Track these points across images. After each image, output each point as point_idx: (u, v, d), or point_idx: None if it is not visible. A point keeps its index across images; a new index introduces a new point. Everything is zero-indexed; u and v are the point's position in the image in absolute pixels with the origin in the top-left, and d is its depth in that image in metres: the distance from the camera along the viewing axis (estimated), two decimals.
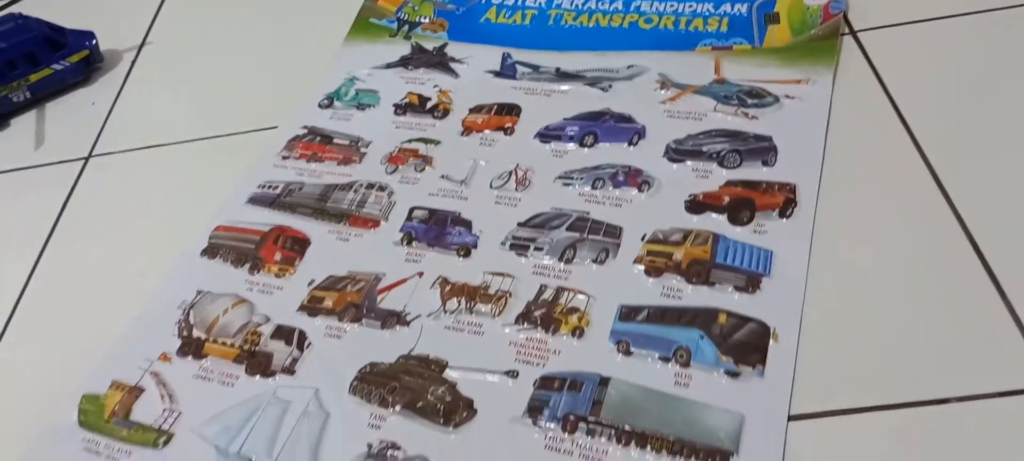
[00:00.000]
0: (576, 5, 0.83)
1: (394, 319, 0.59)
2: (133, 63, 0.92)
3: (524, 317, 0.57)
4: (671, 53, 0.75)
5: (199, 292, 0.64)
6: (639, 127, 0.69)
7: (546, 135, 0.71)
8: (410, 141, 0.73)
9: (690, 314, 0.55)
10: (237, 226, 0.69)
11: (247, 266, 0.65)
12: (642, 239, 0.61)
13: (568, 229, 0.62)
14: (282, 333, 0.60)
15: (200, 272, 0.66)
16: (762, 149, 0.65)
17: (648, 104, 0.71)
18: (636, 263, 0.59)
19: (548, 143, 0.70)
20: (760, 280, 0.56)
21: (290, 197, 0.70)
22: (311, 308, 0.61)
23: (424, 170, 0.70)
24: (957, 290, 0.54)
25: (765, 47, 0.74)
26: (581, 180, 0.66)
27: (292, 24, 0.91)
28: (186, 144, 0.79)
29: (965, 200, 0.58)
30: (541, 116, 0.72)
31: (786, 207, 0.60)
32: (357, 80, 0.81)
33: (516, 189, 0.67)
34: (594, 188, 0.65)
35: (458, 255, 0.63)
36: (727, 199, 0.62)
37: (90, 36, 0.89)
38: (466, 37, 0.83)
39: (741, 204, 0.61)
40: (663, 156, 0.66)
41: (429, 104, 0.77)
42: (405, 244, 0.65)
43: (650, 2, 0.81)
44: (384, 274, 0.62)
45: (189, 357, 0.60)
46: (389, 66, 0.82)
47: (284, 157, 0.74)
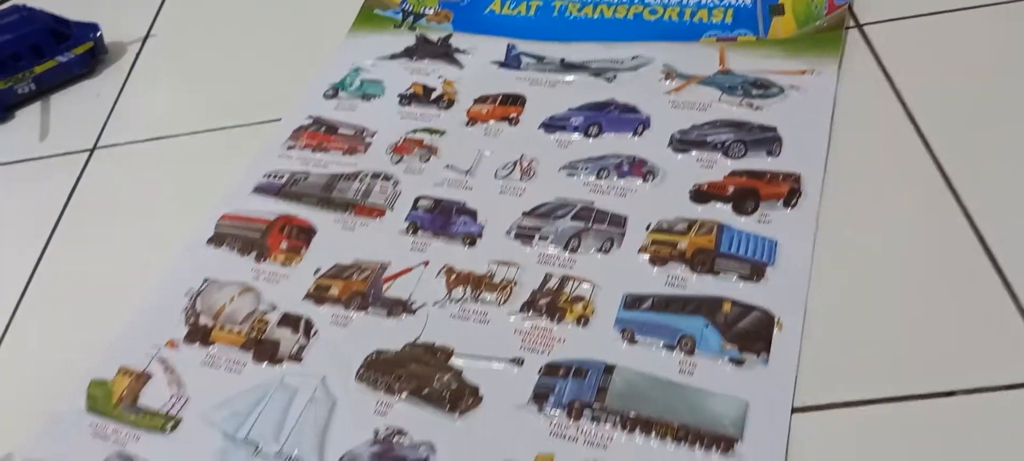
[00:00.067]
0: None
1: (400, 308, 0.59)
2: (138, 55, 0.92)
3: (529, 305, 0.58)
4: (676, 44, 0.75)
5: (206, 280, 0.64)
6: (644, 117, 0.69)
7: (551, 125, 0.71)
8: (415, 131, 0.73)
9: (695, 303, 0.55)
10: (243, 215, 0.69)
11: (253, 255, 0.66)
12: (647, 228, 0.61)
13: (573, 218, 0.63)
14: (289, 321, 0.60)
15: (207, 260, 0.66)
16: (767, 139, 0.65)
17: (653, 94, 0.71)
18: (641, 252, 0.59)
19: (553, 133, 0.70)
20: (764, 269, 0.56)
21: (296, 186, 0.71)
22: (317, 296, 0.61)
23: (429, 160, 0.71)
24: (962, 282, 0.54)
25: (770, 38, 0.74)
26: (586, 170, 0.66)
27: (297, 16, 0.91)
28: (191, 136, 0.80)
29: (971, 193, 0.58)
30: (546, 106, 0.72)
31: (791, 197, 0.60)
32: (362, 71, 0.81)
33: (521, 179, 0.67)
34: (599, 178, 0.65)
35: (463, 244, 0.63)
36: (732, 189, 0.62)
37: (95, 28, 0.89)
38: (471, 28, 0.83)
39: (746, 194, 0.61)
40: (668, 146, 0.66)
41: (434, 94, 0.77)
42: (410, 233, 0.65)
43: None
44: (390, 263, 0.63)
45: (196, 344, 0.60)
46: (394, 57, 0.82)
47: (289, 147, 0.75)
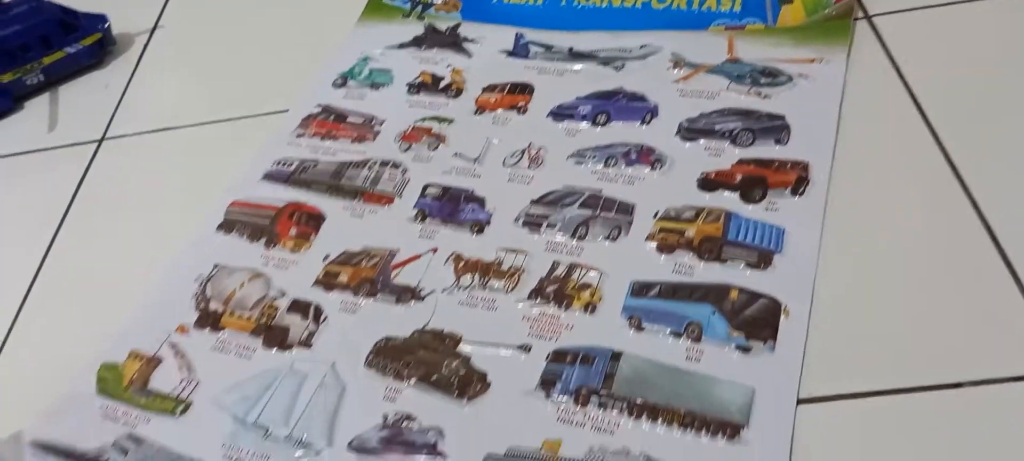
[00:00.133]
0: None
1: (409, 294, 0.60)
2: (146, 46, 0.92)
3: (537, 293, 0.58)
4: (684, 33, 0.75)
5: (216, 266, 0.65)
6: (652, 106, 0.69)
7: (559, 114, 0.71)
8: (424, 119, 0.74)
9: (702, 290, 0.55)
10: (252, 202, 0.69)
11: (263, 241, 0.66)
12: (654, 216, 0.61)
13: (581, 206, 0.63)
14: (298, 307, 0.60)
15: (216, 247, 0.66)
16: (775, 128, 0.65)
17: (661, 83, 0.71)
18: (648, 240, 0.60)
19: (561, 122, 0.70)
20: (772, 257, 0.57)
21: (305, 174, 0.71)
22: (326, 283, 0.62)
23: (437, 148, 0.71)
24: (969, 273, 0.54)
25: (779, 27, 0.74)
26: (594, 158, 0.66)
27: (305, 7, 0.91)
28: (199, 127, 0.80)
29: (979, 184, 0.58)
30: (554, 95, 0.73)
31: (798, 185, 0.60)
32: (371, 60, 0.81)
33: (529, 167, 0.67)
34: (607, 166, 0.65)
35: (471, 232, 0.63)
36: (739, 177, 0.62)
37: (103, 19, 0.90)
38: (479, 17, 0.83)
39: (753, 182, 0.61)
40: (676, 135, 0.67)
41: (443, 83, 0.77)
42: (419, 221, 0.65)
43: None
44: (398, 250, 0.63)
45: (206, 329, 0.61)
46: (402, 46, 0.82)
47: (298, 135, 0.75)
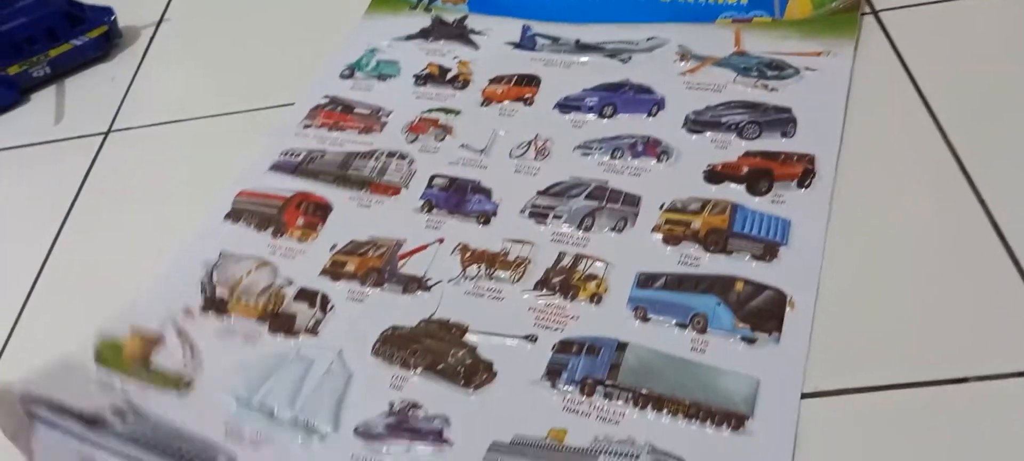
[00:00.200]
0: None
1: (415, 284, 0.60)
2: (152, 39, 0.92)
3: (543, 283, 0.58)
4: (691, 25, 0.75)
5: (222, 254, 0.65)
6: (658, 98, 0.69)
7: (566, 106, 0.71)
8: (430, 111, 0.74)
9: (707, 281, 0.56)
10: (260, 192, 0.70)
11: (270, 230, 0.66)
12: (660, 208, 0.61)
13: (587, 198, 0.63)
14: (305, 295, 0.61)
15: (224, 235, 0.67)
16: (781, 120, 0.65)
17: (668, 76, 0.71)
18: (654, 231, 0.60)
19: (568, 114, 0.71)
20: (777, 249, 0.57)
21: (312, 164, 0.71)
22: (333, 272, 0.62)
23: (444, 139, 0.71)
24: (975, 267, 0.54)
25: (785, 19, 0.74)
26: (600, 150, 0.67)
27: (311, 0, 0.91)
28: (205, 119, 0.80)
29: (985, 179, 0.58)
30: (561, 87, 0.73)
31: (805, 177, 0.60)
32: (378, 51, 0.82)
33: (535, 158, 0.68)
34: (613, 158, 0.66)
35: (478, 222, 0.64)
36: (746, 169, 0.62)
37: (109, 12, 0.90)
38: (486, 9, 0.83)
39: (760, 174, 0.61)
40: (682, 127, 0.67)
41: (449, 75, 0.77)
42: (426, 211, 0.65)
43: None
44: (405, 240, 0.63)
45: (211, 313, 0.61)
46: (409, 38, 0.83)
47: (306, 126, 0.75)
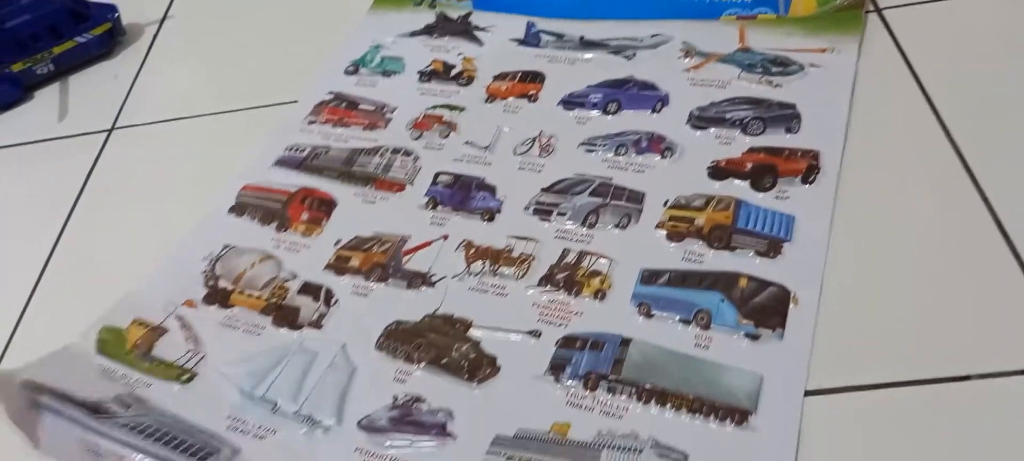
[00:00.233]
0: None
1: (419, 280, 0.60)
2: (155, 36, 0.93)
3: (547, 279, 0.58)
4: (696, 22, 0.75)
5: (226, 246, 0.65)
6: (663, 94, 0.69)
7: (570, 102, 0.71)
8: (435, 107, 0.74)
9: (711, 278, 0.56)
10: (264, 186, 0.70)
11: (274, 224, 0.66)
12: (664, 204, 0.61)
13: (591, 194, 0.63)
14: (309, 289, 0.61)
15: (228, 228, 0.67)
16: (785, 116, 0.65)
17: (672, 72, 0.71)
18: (658, 228, 0.60)
19: (572, 110, 0.71)
20: (781, 245, 0.57)
21: (317, 160, 0.71)
22: (338, 267, 0.62)
23: (449, 136, 0.71)
24: (978, 265, 0.53)
25: (790, 16, 0.74)
26: (604, 146, 0.67)
27: None
28: (208, 117, 0.80)
29: (988, 176, 0.58)
30: (565, 83, 0.73)
31: (809, 173, 0.60)
32: (382, 48, 0.82)
33: (540, 155, 0.68)
34: (617, 154, 0.66)
35: (482, 219, 0.64)
36: (750, 165, 0.62)
37: (113, 9, 0.90)
38: (490, 6, 0.83)
39: (764, 170, 0.61)
40: (686, 123, 0.67)
41: (454, 71, 0.77)
42: (430, 208, 0.65)
43: None
44: (410, 236, 0.63)
45: (215, 305, 0.61)
46: (414, 34, 0.83)
47: (310, 122, 0.75)
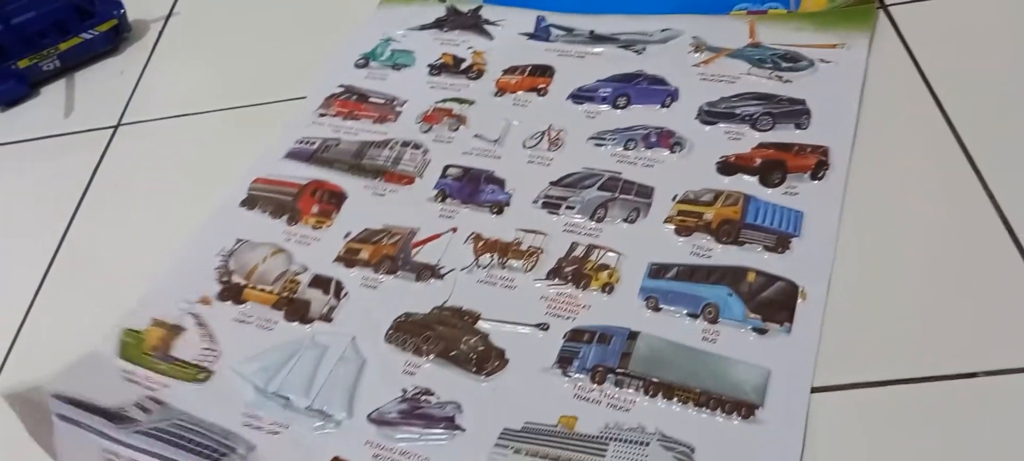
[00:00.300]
0: None
1: (428, 272, 0.61)
2: (161, 33, 0.93)
3: (555, 273, 0.59)
4: (706, 17, 0.75)
5: (239, 240, 0.66)
6: (672, 89, 0.70)
7: (579, 96, 0.71)
8: (444, 101, 0.74)
9: (719, 272, 0.56)
10: (275, 179, 0.70)
11: (285, 218, 0.67)
12: (673, 199, 0.61)
13: (600, 188, 0.63)
14: (319, 282, 0.61)
15: (240, 222, 0.67)
16: (795, 112, 0.65)
17: (681, 67, 0.71)
18: (667, 223, 0.60)
19: (581, 104, 0.71)
20: (790, 241, 0.57)
21: (327, 153, 0.72)
22: (348, 259, 0.63)
23: (458, 129, 0.71)
24: (985, 262, 0.53)
25: (800, 12, 0.74)
26: (613, 141, 0.67)
27: None
28: (214, 113, 0.80)
29: (995, 175, 0.57)
30: (575, 78, 0.73)
31: (818, 169, 0.60)
32: (392, 41, 0.82)
33: (549, 149, 0.68)
34: (626, 149, 0.66)
35: (491, 212, 0.64)
36: (759, 161, 0.62)
37: (118, 5, 0.90)
38: (500, 0, 0.84)
39: (773, 166, 0.61)
40: (696, 118, 0.67)
41: (464, 65, 0.78)
42: (439, 201, 0.66)
43: None
44: (419, 229, 0.64)
45: (229, 301, 0.62)
46: (424, 28, 0.83)
47: (321, 114, 0.76)
